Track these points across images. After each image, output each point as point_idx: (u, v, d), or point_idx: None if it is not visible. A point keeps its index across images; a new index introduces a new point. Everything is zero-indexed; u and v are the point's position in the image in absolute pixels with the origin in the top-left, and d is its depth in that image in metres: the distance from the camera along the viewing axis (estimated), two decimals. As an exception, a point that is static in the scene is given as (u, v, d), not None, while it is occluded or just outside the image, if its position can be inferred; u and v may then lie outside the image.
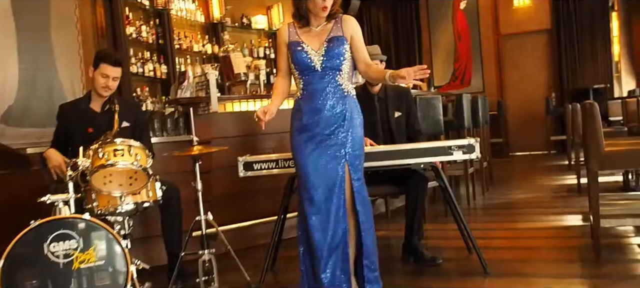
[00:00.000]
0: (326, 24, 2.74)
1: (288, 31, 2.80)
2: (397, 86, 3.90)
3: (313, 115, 2.68)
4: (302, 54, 2.69)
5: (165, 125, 3.85)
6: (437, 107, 4.79)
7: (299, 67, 2.71)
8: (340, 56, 2.66)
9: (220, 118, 4.02)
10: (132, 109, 3.44)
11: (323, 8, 2.67)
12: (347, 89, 2.72)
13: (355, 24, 2.77)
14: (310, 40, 2.71)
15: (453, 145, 3.16)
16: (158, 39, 6.35)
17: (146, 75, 6.09)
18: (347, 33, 2.71)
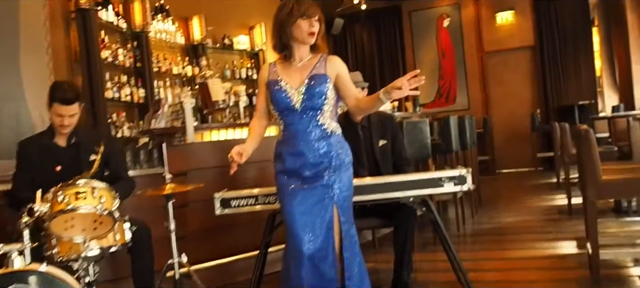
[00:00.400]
0: (310, 57, 2.53)
1: (268, 70, 2.59)
2: (381, 113, 3.69)
3: (296, 160, 2.47)
4: (280, 93, 2.47)
5: (138, 157, 3.60)
6: (424, 130, 4.60)
7: (278, 107, 2.49)
8: (321, 95, 2.44)
9: (198, 148, 3.78)
10: (98, 139, 3.18)
11: (310, 34, 2.46)
12: (330, 128, 2.50)
13: (341, 63, 2.55)
14: (290, 77, 2.50)
15: (443, 176, 2.96)
16: (136, 62, 6.10)
17: (123, 100, 5.83)
18: (331, 72, 2.49)
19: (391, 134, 3.55)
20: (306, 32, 2.46)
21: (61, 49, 5.08)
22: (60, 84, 3.06)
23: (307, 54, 2.54)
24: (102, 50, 5.50)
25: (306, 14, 2.45)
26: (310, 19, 2.46)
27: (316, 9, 2.50)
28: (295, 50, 2.51)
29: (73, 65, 5.24)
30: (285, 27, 2.47)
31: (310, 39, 2.48)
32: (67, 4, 5.19)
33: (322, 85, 2.45)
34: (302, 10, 2.44)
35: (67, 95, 2.96)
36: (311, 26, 2.46)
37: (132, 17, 6.10)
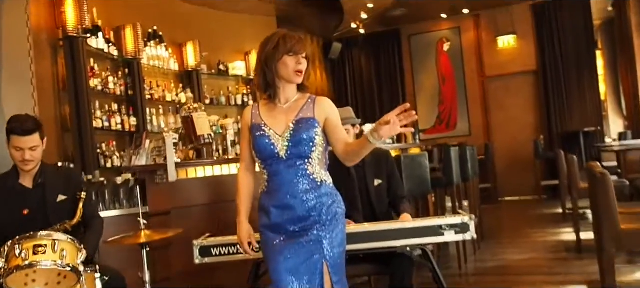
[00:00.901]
0: (297, 99, 2.31)
1: (251, 113, 2.36)
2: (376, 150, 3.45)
3: (282, 213, 2.23)
4: (263, 139, 2.24)
5: (118, 195, 3.36)
6: (424, 165, 4.36)
7: (261, 155, 2.26)
8: (309, 142, 2.21)
9: (181, 186, 3.54)
10: (67, 178, 2.94)
11: (296, 72, 2.24)
12: (320, 177, 2.26)
13: (331, 106, 2.32)
14: (274, 121, 2.27)
15: (444, 224, 2.71)
16: (127, 90, 5.88)
17: (113, 128, 5.60)
18: (320, 115, 2.27)
19: (387, 173, 3.31)
20: (293, 69, 2.24)
21: (47, 78, 4.87)
22: (18, 116, 2.85)
23: (294, 94, 2.32)
24: (91, 79, 5.29)
25: (293, 51, 2.24)
26: (298, 55, 2.25)
27: (304, 45, 2.29)
28: (281, 90, 2.29)
29: (60, 95, 5.03)
30: (270, 63, 2.25)
31: (297, 77, 2.26)
32: (54, 31, 5.00)
33: (309, 130, 2.22)
34: (288, 46, 2.23)
35: (24, 125, 2.75)
36: (298, 63, 2.25)
37: (123, 44, 5.91)
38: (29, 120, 2.82)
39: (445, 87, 9.90)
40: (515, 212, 8.44)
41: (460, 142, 9.35)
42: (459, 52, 9.83)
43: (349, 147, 2.26)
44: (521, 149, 9.45)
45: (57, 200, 2.78)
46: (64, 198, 2.79)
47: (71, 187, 2.87)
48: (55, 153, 4.85)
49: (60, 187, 2.82)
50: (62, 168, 3.06)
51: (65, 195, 2.80)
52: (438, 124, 9.92)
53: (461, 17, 9.72)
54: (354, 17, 8.44)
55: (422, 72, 10.04)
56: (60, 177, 2.90)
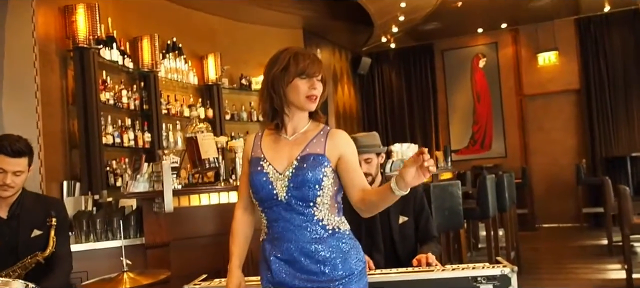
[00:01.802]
0: (307, 130, 1.91)
1: (253, 142, 1.97)
2: (404, 182, 3.03)
3: (284, 267, 1.83)
4: (260, 176, 1.85)
5: (111, 225, 3.01)
6: (455, 194, 3.89)
7: (257, 195, 1.87)
8: (314, 184, 1.80)
9: (183, 215, 3.17)
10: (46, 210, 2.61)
11: (309, 98, 1.85)
12: (331, 224, 1.85)
13: (347, 142, 1.91)
14: (276, 155, 1.88)
15: (480, 276, 2.27)
16: (142, 104, 5.60)
17: (126, 145, 5.31)
18: (331, 151, 1.86)
19: (415, 208, 2.87)
20: (305, 95, 1.85)
21: (55, 90, 4.60)
22: (9, 135, 2.56)
23: (304, 123, 1.93)
24: (102, 92, 5.01)
25: (306, 72, 1.85)
26: (312, 78, 1.86)
27: (319, 66, 1.88)
28: (288, 119, 1.90)
29: (69, 109, 4.76)
30: (277, 87, 1.86)
31: (310, 104, 1.87)
32: (64, 42, 4.74)
33: (316, 169, 1.82)
34: (300, 66, 1.84)
35: (14, 146, 2.47)
36: (312, 88, 1.86)
37: (139, 56, 5.63)
38: (20, 141, 2.54)
39: (480, 106, 9.36)
40: (554, 241, 7.82)
41: (495, 163, 8.81)
42: (495, 69, 9.29)
43: (367, 196, 1.83)
44: (561, 173, 8.83)
45: (31, 236, 2.47)
46: (38, 233, 2.47)
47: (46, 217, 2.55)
48: (61, 171, 4.58)
49: (37, 220, 2.50)
50: (43, 199, 2.73)
51: (40, 230, 2.48)
52: (472, 145, 9.38)
53: (499, 31, 9.19)
54: (385, 30, 8.03)
55: (455, 89, 9.53)
56: (39, 208, 2.57)
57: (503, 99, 9.23)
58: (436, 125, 9.42)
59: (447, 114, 9.52)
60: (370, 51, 9.33)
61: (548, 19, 8.78)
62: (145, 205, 3.06)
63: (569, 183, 8.66)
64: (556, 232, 8.54)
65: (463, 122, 9.45)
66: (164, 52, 6.07)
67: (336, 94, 8.87)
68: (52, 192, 4.39)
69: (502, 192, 4.75)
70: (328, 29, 8.13)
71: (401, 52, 9.56)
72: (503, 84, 9.24)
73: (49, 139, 4.40)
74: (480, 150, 9.26)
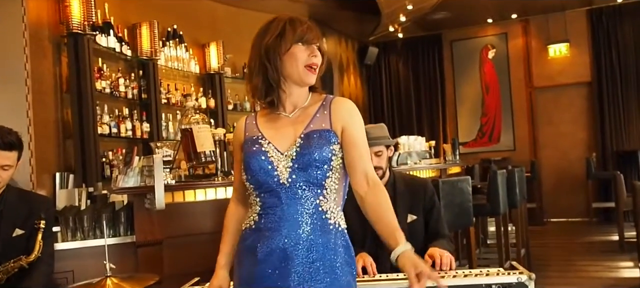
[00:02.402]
0: (306, 106, 1.68)
1: (244, 126, 1.73)
2: (412, 178, 2.79)
3: (274, 262, 1.57)
4: (258, 157, 1.60)
5: (99, 221, 2.80)
6: (465, 191, 3.66)
7: (254, 178, 1.61)
8: (322, 164, 1.57)
9: (177, 211, 2.96)
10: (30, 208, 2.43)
11: (309, 67, 1.62)
12: (334, 219, 1.61)
13: (351, 109, 1.68)
14: (277, 134, 1.64)
15: (496, 284, 2.03)
16: (141, 93, 5.39)
17: (123, 135, 5.10)
18: (337, 123, 1.63)
19: (424, 206, 2.64)
20: (303, 63, 1.62)
21: (47, 78, 4.39)
22: (0, 127, 2.39)
23: (304, 99, 1.69)
24: (98, 80, 4.79)
25: (305, 39, 1.61)
26: (311, 45, 1.63)
27: (317, 34, 1.65)
28: (286, 95, 1.67)
29: (62, 97, 4.55)
30: (272, 57, 1.61)
31: (309, 75, 1.64)
32: (58, 28, 4.52)
33: (323, 147, 1.58)
34: (298, 32, 1.61)
35: (6, 138, 2.34)
36: (312, 55, 1.62)
37: (138, 43, 5.41)
38: (12, 134, 2.40)
39: (489, 98, 9.09)
40: (563, 236, 7.58)
41: (503, 157, 8.56)
42: (505, 60, 9.01)
43: (368, 204, 1.61)
44: (571, 167, 8.57)
45: (12, 235, 2.28)
46: (20, 233, 2.28)
47: (32, 219, 2.36)
48: (53, 162, 4.38)
49: (20, 218, 2.33)
50: (28, 196, 2.54)
51: (23, 229, 2.30)
52: (480, 137, 9.12)
53: (509, 22, 8.90)
54: (392, 20, 7.76)
55: (464, 80, 9.25)
56: (23, 206, 2.39)
57: (512, 90, 8.95)
58: (444, 117, 9.16)
59: (455, 106, 9.26)
60: (377, 41, 9.07)
61: (559, 9, 8.48)
62: (136, 201, 2.84)
63: (578, 177, 8.40)
64: (565, 226, 8.30)
65: (471, 114, 9.18)
66: (164, 39, 5.84)
67: (342, 84, 8.62)
68: (44, 184, 4.20)
69: (512, 188, 4.51)
70: (334, 18, 7.87)
71: (409, 42, 9.29)
72: (512, 75, 8.96)
73: (40, 129, 4.19)
74: (488, 143, 9.00)
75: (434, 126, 9.14)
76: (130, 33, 5.41)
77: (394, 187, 2.61)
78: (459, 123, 9.22)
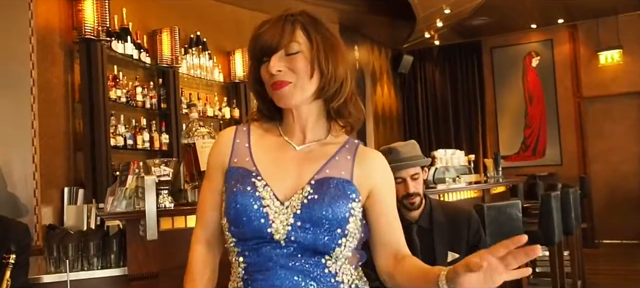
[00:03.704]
0: (324, 141, 1.23)
1: (232, 140, 1.27)
2: (453, 207, 2.29)
3: None
4: (249, 203, 1.16)
5: (87, 251, 2.40)
6: (515, 218, 3.12)
7: (240, 229, 1.16)
8: (335, 226, 1.13)
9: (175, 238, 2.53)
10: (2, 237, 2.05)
11: (273, 86, 1.18)
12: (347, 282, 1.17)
13: (385, 168, 1.26)
14: (277, 173, 1.20)
15: None
16: (160, 103, 5.05)
17: (139, 147, 4.76)
18: (362, 181, 1.20)
19: (468, 242, 2.15)
20: (269, 85, 1.20)
21: (58, 86, 4.09)
22: None
23: (321, 128, 1.25)
24: (113, 89, 4.47)
25: (262, 51, 1.20)
26: (273, 54, 1.18)
27: (282, 30, 1.19)
28: (293, 117, 1.25)
29: (74, 106, 4.24)
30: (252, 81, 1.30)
31: (278, 97, 1.19)
32: (70, 33, 4.22)
33: (338, 202, 1.15)
34: (257, 44, 1.21)
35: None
36: (268, 71, 1.18)
37: (158, 50, 5.08)
38: None
39: (533, 108, 8.42)
40: (618, 262, 6.85)
41: (549, 172, 7.90)
42: (550, 68, 8.33)
43: (399, 273, 1.17)
44: (625, 184, 7.81)
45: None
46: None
47: (2, 251, 1.97)
48: (63, 176, 4.06)
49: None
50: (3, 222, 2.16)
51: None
52: (523, 151, 8.45)
53: (554, 27, 8.24)
54: (428, 25, 7.24)
55: (505, 90, 8.61)
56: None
57: (558, 101, 8.26)
58: (484, 129, 8.54)
59: (496, 117, 8.62)
60: (412, 48, 8.55)
61: (611, 13, 7.78)
62: (129, 228, 2.43)
63: (633, 194, 7.65)
64: (619, 249, 7.54)
65: (513, 126, 8.53)
66: (186, 46, 5.50)
67: (375, 94, 8.13)
68: (51, 199, 3.88)
69: (567, 211, 3.93)
70: (367, 24, 7.40)
71: (446, 49, 8.72)
72: (559, 84, 8.28)
73: (48, 141, 3.88)
74: (532, 157, 8.32)
75: (473, 139, 8.53)
76: (150, 39, 5.09)
77: (431, 218, 2.12)
78: (499, 135, 8.58)
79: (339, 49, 1.25)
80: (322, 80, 1.18)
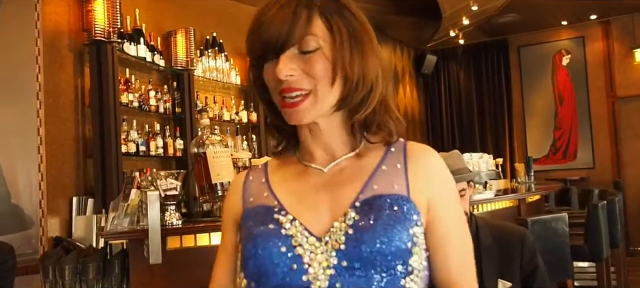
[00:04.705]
0: (358, 154, 0.93)
1: (243, 186, 0.99)
2: (503, 227, 1.97)
3: None
4: (274, 243, 0.86)
5: (85, 274, 2.14)
6: (561, 233, 2.78)
7: (265, 282, 0.85)
8: (395, 261, 0.83)
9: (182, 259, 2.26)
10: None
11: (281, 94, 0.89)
12: None
13: (443, 168, 0.93)
14: (306, 204, 0.90)
15: None
16: (174, 107, 4.81)
17: (152, 153, 4.52)
18: (420, 190, 0.90)
19: (522, 268, 1.83)
20: (276, 95, 0.91)
21: (66, 91, 3.86)
22: None
23: (347, 141, 0.95)
24: (124, 93, 4.24)
25: (266, 47, 0.90)
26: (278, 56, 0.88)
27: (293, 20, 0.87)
28: (311, 134, 0.95)
29: (84, 111, 4.01)
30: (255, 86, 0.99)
31: (289, 114, 0.90)
32: (80, 35, 3.99)
33: (397, 227, 0.84)
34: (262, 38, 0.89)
35: None
36: (275, 76, 0.88)
37: (173, 52, 4.84)
38: None
39: (563, 109, 7.99)
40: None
41: (581, 176, 7.48)
42: (581, 67, 7.89)
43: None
44: (663, 188, 7.35)
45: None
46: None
47: None
48: (71, 185, 3.83)
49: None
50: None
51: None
52: (552, 154, 8.02)
53: (586, 24, 7.80)
54: (454, 23, 6.88)
55: (533, 90, 8.19)
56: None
57: (591, 101, 7.82)
58: (511, 131, 8.13)
59: (524, 119, 8.21)
60: (435, 48, 8.19)
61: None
62: (132, 248, 2.17)
63: (671, 200, 7.19)
64: (657, 258, 7.09)
65: (542, 128, 8.11)
66: (201, 48, 5.26)
67: (397, 96, 7.80)
68: (58, 210, 3.65)
69: (613, 223, 3.56)
70: (388, 23, 7.08)
71: (471, 48, 8.34)
72: (591, 84, 7.83)
73: (55, 148, 3.65)
74: (562, 160, 7.90)
75: (500, 142, 8.13)
76: (164, 41, 4.85)
77: (478, 240, 1.81)
78: (528, 138, 8.16)
79: (370, 40, 0.94)
80: (346, 87, 0.88)
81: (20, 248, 3.17)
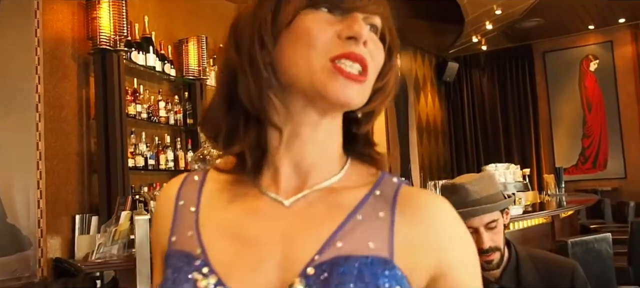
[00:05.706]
0: (334, 185, 0.64)
1: (174, 201, 0.66)
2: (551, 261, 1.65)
3: None
4: None
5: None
6: (605, 256, 2.44)
7: None
8: None
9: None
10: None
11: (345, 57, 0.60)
12: None
13: (454, 227, 0.62)
14: (242, 248, 0.59)
15: None
16: (185, 118, 4.57)
17: (163, 167, 4.28)
18: (416, 253, 0.59)
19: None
20: (329, 52, 0.60)
21: (69, 103, 3.65)
22: None
23: (333, 159, 0.65)
24: (132, 103, 4.02)
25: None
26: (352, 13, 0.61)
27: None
28: (281, 141, 0.64)
29: (88, 123, 3.79)
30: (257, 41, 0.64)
31: (343, 84, 0.59)
32: (84, 44, 3.78)
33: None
34: None
35: None
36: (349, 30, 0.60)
37: (184, 61, 4.62)
38: None
39: (592, 116, 7.57)
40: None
41: (613, 186, 7.04)
42: (610, 73, 7.47)
43: None
44: (700, 200, 6.86)
45: None
46: None
47: None
48: (74, 202, 3.60)
49: None
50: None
51: None
52: (581, 163, 7.59)
53: (614, 28, 7.39)
54: (476, 29, 6.55)
55: (560, 97, 7.78)
56: None
57: (621, 108, 7.39)
58: (537, 140, 7.73)
59: (551, 127, 7.80)
60: (457, 54, 7.85)
61: (680, 10, 6.90)
62: (123, 278, 1.91)
63: None
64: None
65: (570, 136, 7.69)
66: (214, 56, 5.02)
67: (418, 104, 7.48)
68: (59, 229, 3.42)
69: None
70: (409, 29, 6.76)
71: (494, 54, 7.98)
72: (621, 90, 7.40)
73: (57, 163, 3.43)
74: (592, 170, 7.46)
75: (526, 151, 7.73)
76: (175, 50, 4.63)
77: (519, 275, 1.49)
78: (555, 147, 7.75)
79: (397, 54, 0.70)
80: (374, 87, 0.64)
81: (16, 271, 2.95)
